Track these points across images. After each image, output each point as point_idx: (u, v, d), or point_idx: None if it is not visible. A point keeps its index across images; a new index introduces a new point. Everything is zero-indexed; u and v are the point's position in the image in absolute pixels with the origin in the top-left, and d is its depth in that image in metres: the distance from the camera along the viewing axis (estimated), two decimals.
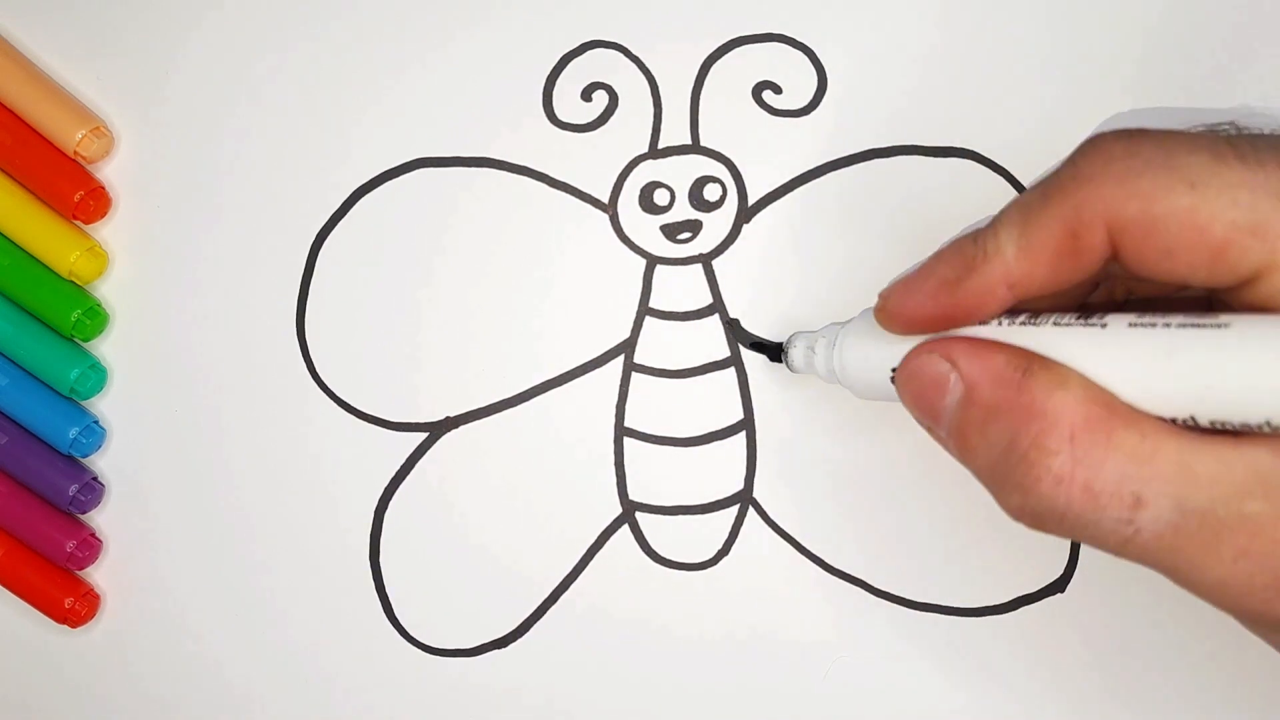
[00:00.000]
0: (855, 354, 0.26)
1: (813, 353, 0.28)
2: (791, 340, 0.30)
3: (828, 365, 0.27)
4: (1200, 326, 0.20)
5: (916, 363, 0.23)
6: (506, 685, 0.33)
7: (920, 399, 0.23)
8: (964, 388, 0.22)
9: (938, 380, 0.23)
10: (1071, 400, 0.20)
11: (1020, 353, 0.22)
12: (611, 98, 0.33)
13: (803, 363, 0.29)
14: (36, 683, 0.35)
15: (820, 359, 0.28)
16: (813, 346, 0.28)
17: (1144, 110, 0.30)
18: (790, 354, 0.29)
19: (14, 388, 0.34)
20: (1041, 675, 0.31)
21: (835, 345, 0.27)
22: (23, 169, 0.34)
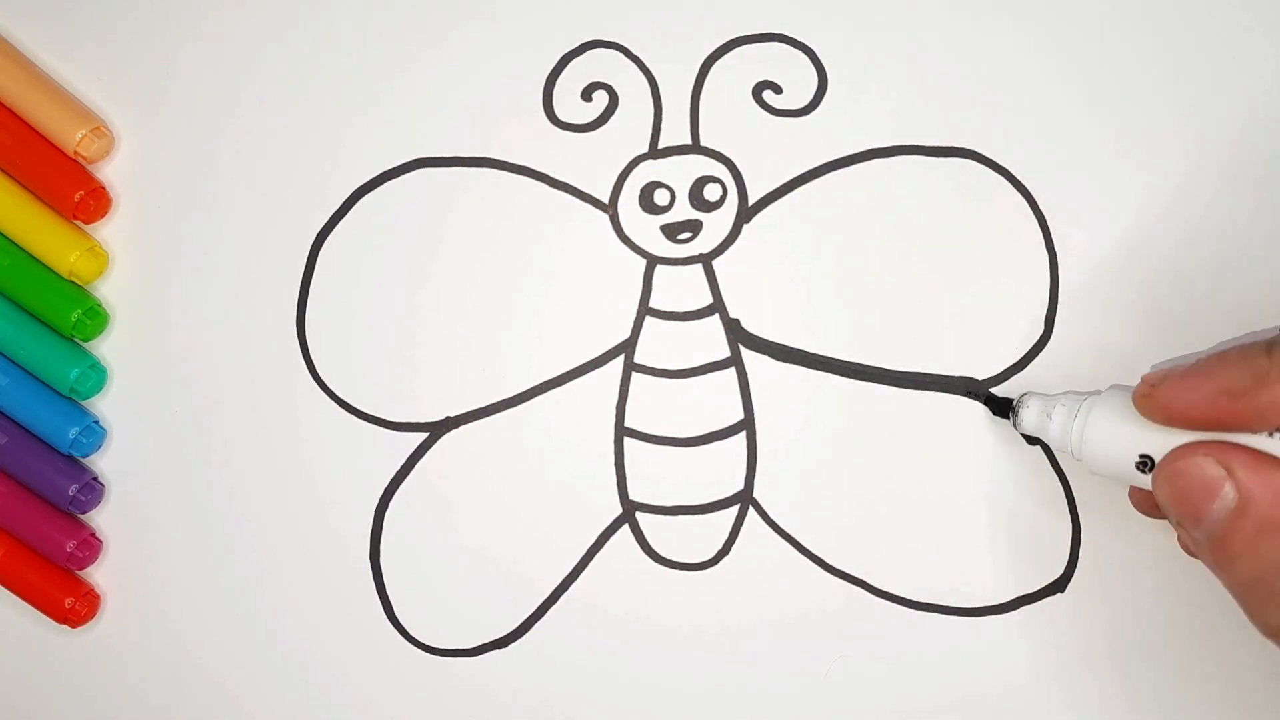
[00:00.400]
0: (1102, 432, 0.26)
1: (1048, 418, 0.28)
2: (1024, 400, 0.29)
3: (1064, 434, 0.27)
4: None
5: (1188, 463, 0.23)
6: (507, 685, 0.33)
7: (1184, 499, 0.23)
8: (1238, 498, 0.22)
9: (1209, 485, 0.23)
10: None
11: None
12: (611, 98, 0.33)
13: (1034, 425, 0.29)
14: (36, 683, 0.35)
15: (1057, 426, 0.28)
16: (1049, 412, 0.28)
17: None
18: (1022, 413, 0.29)
19: (14, 388, 0.34)
20: (1041, 675, 0.31)
21: (1078, 416, 0.27)
22: (23, 169, 0.34)
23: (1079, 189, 0.31)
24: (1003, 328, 0.31)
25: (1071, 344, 0.31)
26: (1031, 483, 0.31)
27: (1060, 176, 0.31)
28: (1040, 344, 0.31)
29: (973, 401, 0.31)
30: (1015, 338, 0.31)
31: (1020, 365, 0.31)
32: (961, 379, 0.31)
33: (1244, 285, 0.30)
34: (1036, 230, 0.31)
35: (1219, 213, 0.30)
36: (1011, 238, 0.31)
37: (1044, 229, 0.31)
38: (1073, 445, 0.27)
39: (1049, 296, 0.31)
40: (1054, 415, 0.28)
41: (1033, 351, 0.31)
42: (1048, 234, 0.31)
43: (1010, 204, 0.31)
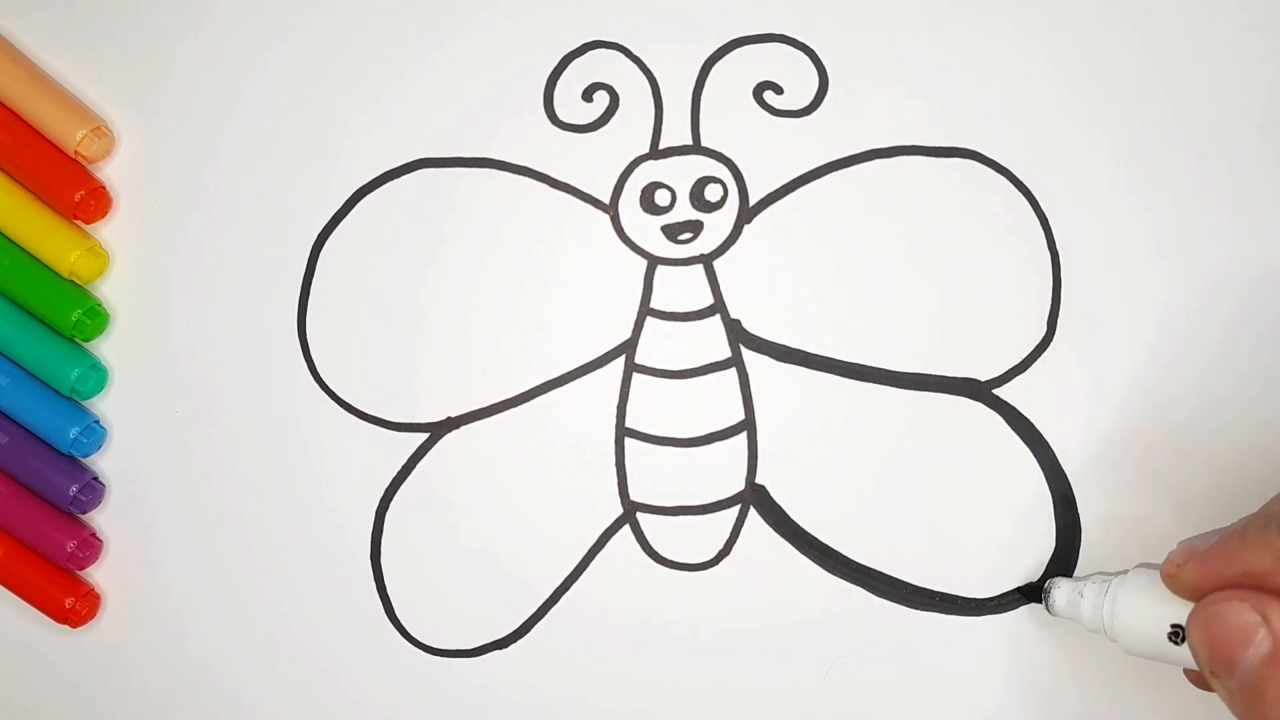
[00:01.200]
0: (1132, 608, 0.27)
1: (1080, 597, 0.29)
2: (1054, 583, 0.30)
3: (1096, 614, 0.28)
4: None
5: (1221, 608, 0.23)
6: (507, 685, 0.33)
7: (1218, 644, 0.23)
8: (1274, 644, 0.22)
9: (1244, 630, 0.23)
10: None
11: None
12: (612, 98, 0.33)
13: (1066, 607, 0.29)
14: (36, 683, 0.35)
15: (1087, 606, 0.28)
16: (1080, 593, 0.29)
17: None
18: (1053, 595, 0.30)
19: (14, 388, 0.34)
20: (1041, 675, 0.31)
21: (1107, 595, 0.28)
22: (23, 169, 0.34)
23: (1080, 189, 0.31)
24: (1004, 328, 0.31)
25: (1073, 344, 0.31)
26: (1032, 484, 0.31)
27: (1060, 176, 0.31)
28: (1042, 345, 0.31)
29: (973, 402, 0.31)
30: (1017, 338, 0.31)
31: (1022, 366, 0.31)
32: (963, 380, 0.31)
33: (1244, 285, 0.30)
34: (1038, 230, 0.31)
35: (1219, 212, 0.30)
36: (1012, 238, 0.31)
37: (1045, 229, 0.31)
38: (1105, 624, 0.28)
39: (1051, 297, 0.31)
40: (1085, 594, 0.29)
41: (1035, 352, 0.31)
42: (1049, 234, 0.31)
43: (1011, 204, 0.31)
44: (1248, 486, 0.30)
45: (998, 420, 0.31)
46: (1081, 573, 0.31)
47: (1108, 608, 0.28)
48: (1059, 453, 0.31)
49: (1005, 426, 0.31)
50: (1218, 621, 0.23)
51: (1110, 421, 0.31)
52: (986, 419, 0.31)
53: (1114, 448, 0.31)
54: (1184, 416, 0.31)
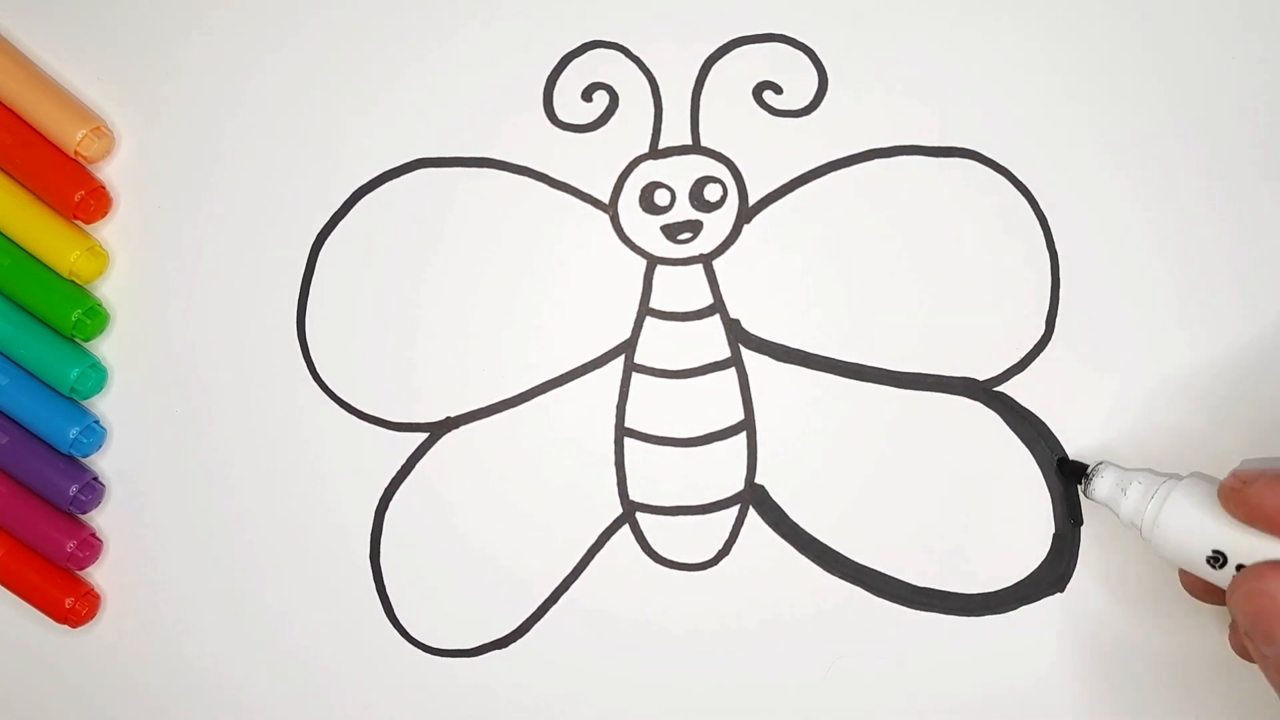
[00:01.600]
0: (1179, 519, 0.26)
1: (1122, 493, 0.28)
2: (1100, 469, 0.29)
3: (1137, 512, 0.27)
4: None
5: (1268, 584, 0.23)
6: (507, 685, 0.33)
7: (1261, 617, 0.23)
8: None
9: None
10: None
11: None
12: (612, 98, 0.33)
13: (1107, 496, 0.29)
14: (36, 683, 0.35)
15: (1131, 503, 0.28)
16: (1124, 487, 0.28)
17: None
18: (1095, 482, 0.29)
19: (14, 387, 0.34)
20: (1041, 675, 0.31)
21: (1154, 498, 0.27)
22: (23, 169, 0.34)
23: (1079, 189, 0.31)
24: (1003, 328, 0.31)
25: (1071, 344, 0.31)
26: (1032, 485, 0.31)
27: (1060, 177, 0.31)
28: (1041, 344, 0.31)
29: (972, 402, 0.31)
30: (1016, 338, 0.31)
31: (1021, 366, 0.31)
32: (961, 379, 0.31)
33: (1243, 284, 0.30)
34: (1037, 230, 0.31)
35: (1218, 211, 0.30)
36: (1012, 238, 0.31)
37: (1044, 229, 0.31)
38: (1144, 526, 0.27)
39: (1050, 297, 0.31)
40: (1129, 491, 0.28)
41: (1033, 352, 0.31)
42: (1048, 234, 0.31)
43: (1010, 204, 0.31)
44: None
45: (996, 420, 0.31)
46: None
47: (1151, 512, 0.27)
48: (1057, 452, 0.31)
49: (1004, 426, 0.31)
50: (1264, 597, 0.23)
51: (1108, 420, 0.31)
52: (985, 418, 0.31)
53: (1112, 447, 0.31)
54: (1182, 416, 0.31)
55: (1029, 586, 0.31)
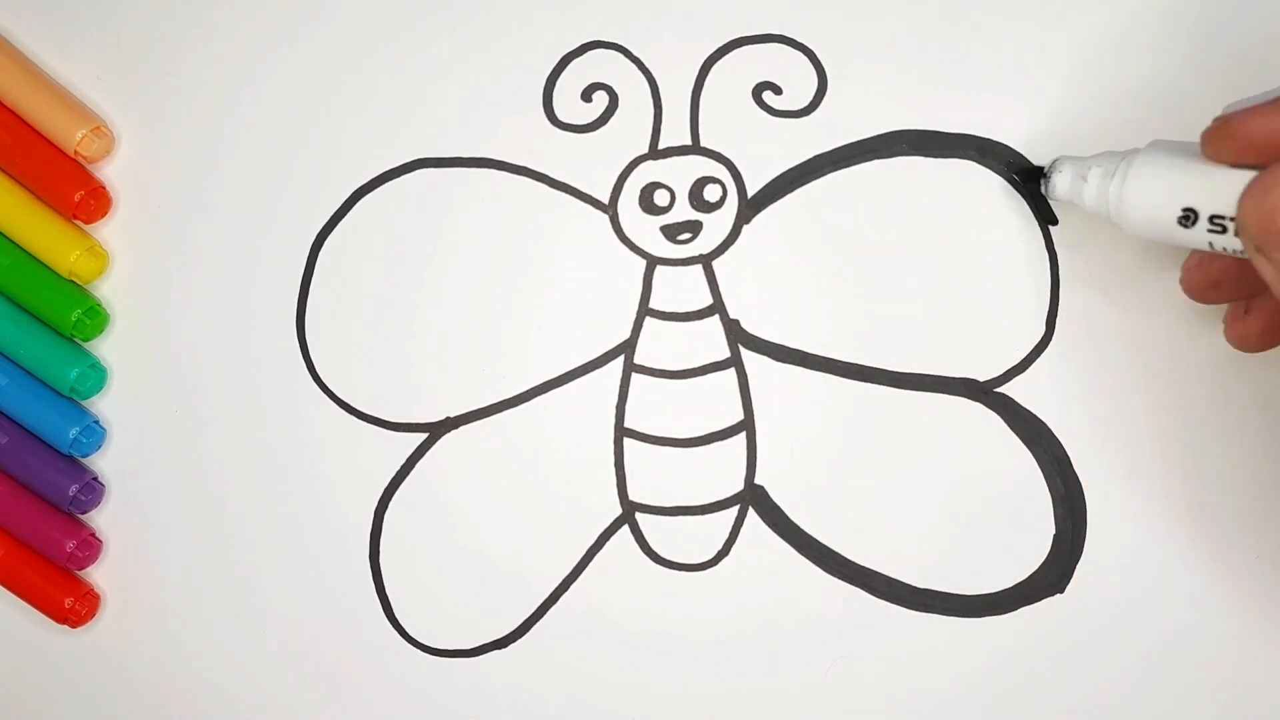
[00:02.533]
0: (1143, 185, 0.25)
1: (1083, 180, 0.27)
2: (1057, 164, 0.28)
3: (1101, 194, 0.26)
4: None
5: None
6: (506, 686, 0.33)
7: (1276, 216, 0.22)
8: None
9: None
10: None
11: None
12: (611, 98, 0.33)
13: (1068, 190, 0.28)
14: (36, 683, 0.35)
15: (1093, 187, 0.27)
16: (1084, 174, 0.27)
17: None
18: (1053, 179, 0.28)
19: (14, 387, 0.34)
20: (1041, 675, 0.31)
21: (1116, 174, 0.26)
22: (23, 169, 0.34)
23: None
24: (1003, 328, 0.31)
25: (1072, 344, 0.31)
26: (1032, 485, 0.31)
27: None
28: (1041, 344, 0.31)
29: (972, 402, 0.31)
30: (1016, 338, 0.31)
31: (1021, 366, 0.31)
32: (962, 380, 0.31)
33: None
34: (1037, 230, 0.31)
35: None
36: (1012, 238, 0.31)
37: (1044, 229, 0.31)
38: (1110, 205, 0.26)
39: (1049, 297, 0.31)
40: (1089, 177, 0.27)
41: (1034, 352, 0.31)
42: (1048, 234, 0.31)
43: (1010, 204, 0.31)
44: (1249, 484, 0.30)
45: (997, 420, 0.31)
46: None
47: (1115, 188, 0.26)
48: (1058, 453, 0.31)
49: (1004, 427, 0.31)
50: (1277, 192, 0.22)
51: (1109, 421, 0.31)
52: (985, 419, 0.31)
53: (1113, 446, 0.31)
54: (1183, 416, 0.31)
55: (1029, 587, 0.31)
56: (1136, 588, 0.31)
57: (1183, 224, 0.25)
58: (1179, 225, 0.25)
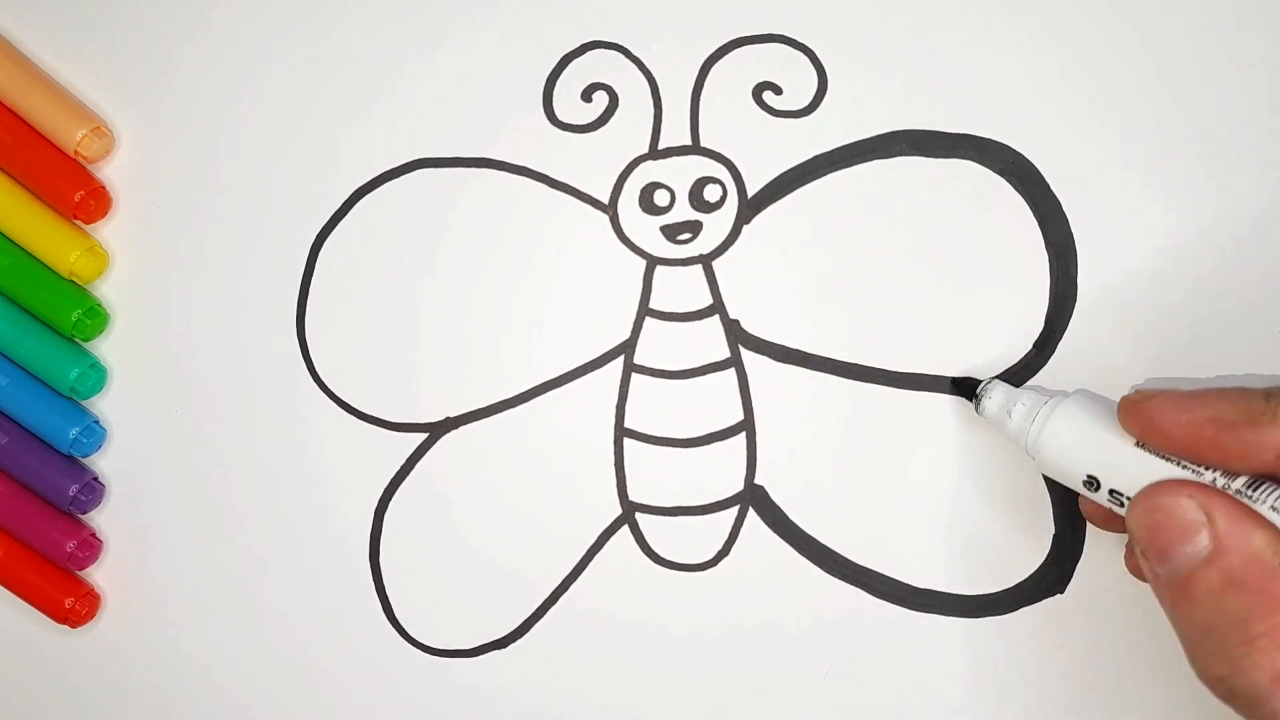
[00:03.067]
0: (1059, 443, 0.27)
1: (1008, 415, 0.28)
2: (989, 388, 0.29)
3: (1021, 434, 0.28)
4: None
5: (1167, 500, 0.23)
6: (506, 686, 0.33)
7: (1157, 535, 0.23)
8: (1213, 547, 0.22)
9: (1186, 527, 0.23)
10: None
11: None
12: (611, 98, 0.33)
13: (994, 416, 0.29)
14: (36, 683, 0.35)
15: (1015, 423, 0.28)
16: (1009, 409, 0.28)
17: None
18: (984, 401, 0.29)
19: (14, 387, 0.34)
20: (1041, 675, 0.31)
21: (1035, 420, 0.27)
22: (23, 169, 0.34)
23: (1080, 189, 0.31)
24: (1003, 328, 0.31)
25: (1072, 344, 0.31)
26: (1032, 485, 0.31)
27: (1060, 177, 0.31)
28: (1041, 344, 0.31)
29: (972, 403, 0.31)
30: (1015, 338, 0.31)
31: (1021, 366, 0.31)
32: (961, 379, 0.31)
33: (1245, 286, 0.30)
34: (1037, 230, 0.31)
35: (1221, 212, 0.30)
36: (1012, 238, 0.31)
37: (1044, 229, 0.31)
38: (1028, 445, 0.28)
39: (1049, 297, 0.31)
40: (1013, 413, 0.28)
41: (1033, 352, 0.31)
42: (1048, 234, 0.31)
43: (1010, 204, 0.31)
44: None
45: None
46: None
47: (1033, 435, 0.27)
48: None
49: None
50: (1162, 513, 0.23)
51: None
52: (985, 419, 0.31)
53: None
54: None
55: (1029, 588, 0.31)
56: (1136, 587, 0.31)
57: (1087, 487, 0.26)
58: (1084, 487, 0.26)
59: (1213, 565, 0.22)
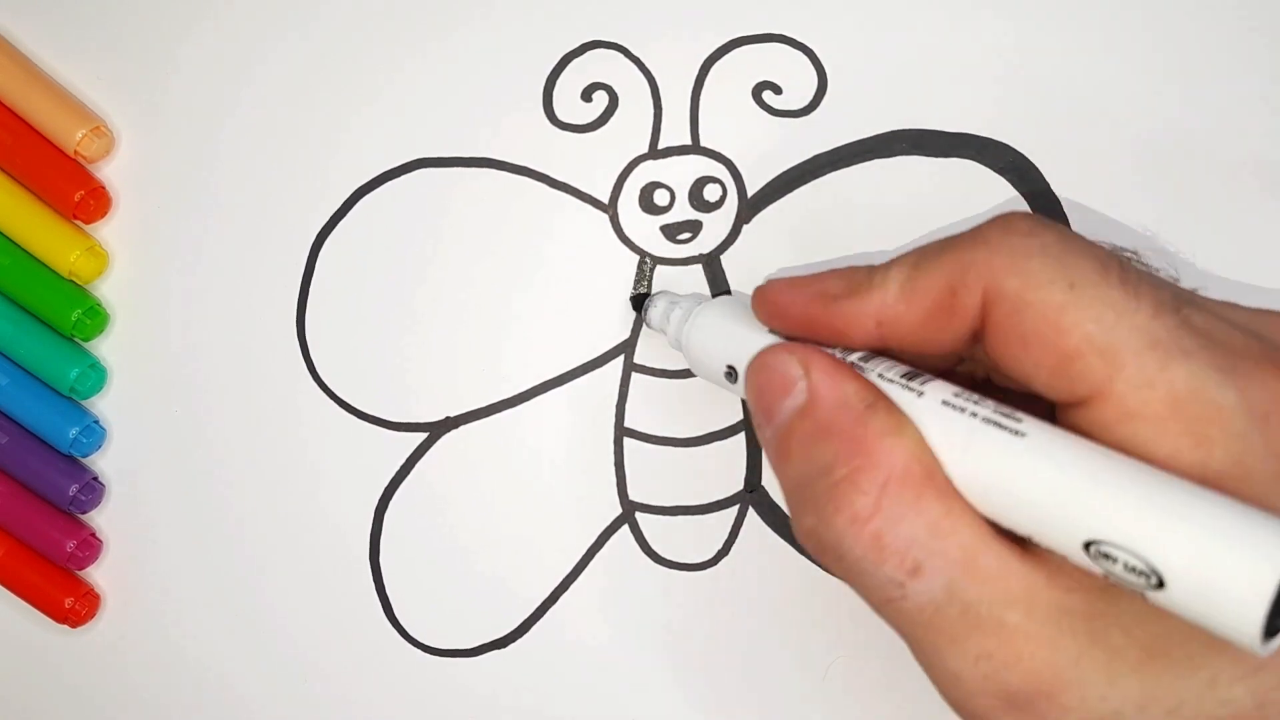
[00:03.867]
0: (700, 336, 0.27)
1: (668, 317, 0.29)
2: (654, 299, 0.30)
3: (677, 334, 0.28)
4: (1000, 426, 0.20)
5: (771, 357, 0.23)
6: (506, 685, 0.33)
7: (762, 393, 0.23)
8: (807, 397, 0.22)
9: (786, 381, 0.23)
10: (899, 450, 0.20)
11: (872, 388, 0.22)
12: (611, 98, 0.33)
13: (658, 323, 0.30)
14: (36, 683, 0.35)
15: (672, 326, 0.29)
16: (669, 313, 0.29)
17: None
18: (650, 311, 0.30)
19: (14, 387, 0.34)
20: None
21: (689, 320, 0.28)
22: (23, 169, 0.34)
23: (1080, 190, 0.31)
24: None
25: None
26: None
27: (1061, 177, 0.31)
28: None
29: None
30: None
31: None
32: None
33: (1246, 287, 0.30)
34: None
35: (1223, 213, 0.30)
36: None
37: None
38: (682, 346, 0.28)
39: None
40: (672, 315, 0.29)
41: None
42: None
43: (1010, 204, 0.31)
44: None
45: None
46: None
47: (686, 331, 0.28)
48: None
49: None
50: (764, 371, 0.23)
51: None
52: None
53: None
54: None
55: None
56: None
57: (728, 378, 0.26)
58: (726, 379, 0.26)
59: (805, 416, 0.22)
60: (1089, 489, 0.18)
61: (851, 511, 0.20)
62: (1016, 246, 0.20)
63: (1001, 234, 0.21)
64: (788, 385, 0.23)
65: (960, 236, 0.22)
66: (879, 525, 0.20)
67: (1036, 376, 0.20)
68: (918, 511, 0.20)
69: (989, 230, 0.21)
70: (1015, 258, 0.20)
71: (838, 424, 0.21)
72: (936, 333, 0.22)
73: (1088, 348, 0.19)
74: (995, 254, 0.21)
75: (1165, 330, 0.19)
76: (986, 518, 0.20)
